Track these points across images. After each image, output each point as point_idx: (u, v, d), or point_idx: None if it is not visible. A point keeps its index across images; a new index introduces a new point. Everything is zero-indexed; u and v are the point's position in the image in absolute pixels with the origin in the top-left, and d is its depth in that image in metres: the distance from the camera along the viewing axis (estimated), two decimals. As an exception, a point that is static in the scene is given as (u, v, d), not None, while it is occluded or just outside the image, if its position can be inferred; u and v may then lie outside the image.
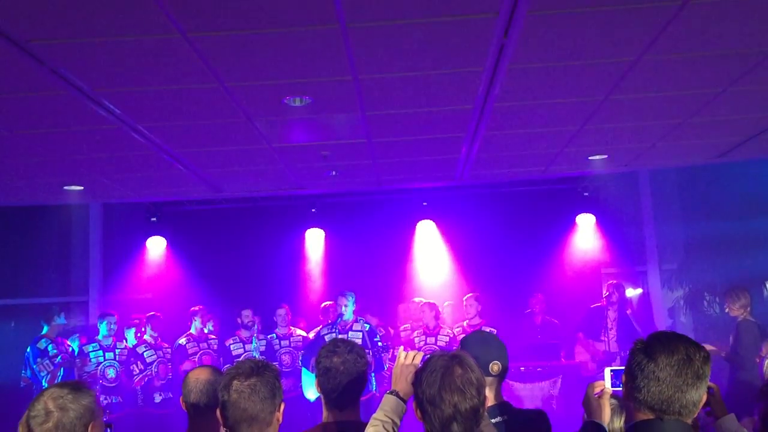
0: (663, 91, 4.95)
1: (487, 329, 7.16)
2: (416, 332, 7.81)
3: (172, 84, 4.28)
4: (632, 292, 9.69)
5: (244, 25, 3.45)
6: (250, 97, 4.58)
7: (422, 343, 7.68)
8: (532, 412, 2.93)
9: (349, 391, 2.86)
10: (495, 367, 2.83)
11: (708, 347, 6.55)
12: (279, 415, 2.49)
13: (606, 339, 7.99)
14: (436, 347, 7.53)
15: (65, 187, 7.09)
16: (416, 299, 8.45)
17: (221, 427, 2.58)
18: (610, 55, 4.16)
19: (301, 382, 7.65)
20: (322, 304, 8.39)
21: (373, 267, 9.19)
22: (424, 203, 9.31)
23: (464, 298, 8.07)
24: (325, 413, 2.89)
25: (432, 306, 7.89)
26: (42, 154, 5.78)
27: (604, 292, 8.29)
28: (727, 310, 6.80)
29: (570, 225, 9.24)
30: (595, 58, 4.20)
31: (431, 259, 9.33)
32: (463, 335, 3.80)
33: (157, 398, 7.92)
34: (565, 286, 9.03)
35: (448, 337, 7.69)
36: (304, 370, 7.54)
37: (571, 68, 4.35)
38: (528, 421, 2.86)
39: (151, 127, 5.19)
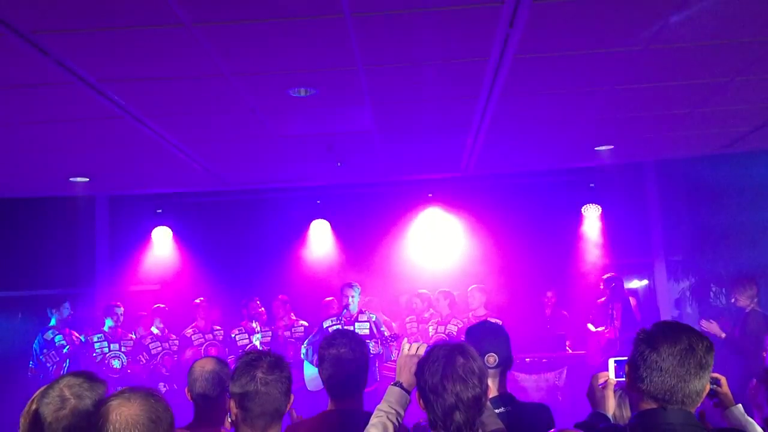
0: (670, 81, 4.92)
1: (493, 321, 7.12)
2: (409, 318, 7.88)
3: (176, 75, 4.28)
4: (638, 284, 9.66)
5: (249, 15, 3.44)
6: (255, 87, 4.58)
7: (432, 332, 7.70)
8: (536, 406, 2.94)
9: (350, 381, 2.94)
10: (491, 359, 2.81)
11: (707, 324, 6.45)
12: (289, 407, 2.53)
13: (611, 329, 7.99)
14: (444, 336, 7.55)
15: (71, 179, 7.11)
16: (421, 291, 8.44)
17: (227, 416, 2.59)
18: (617, 45, 4.14)
19: (303, 373, 7.64)
20: (326, 299, 8.37)
21: (377, 258, 9.19)
22: (429, 194, 9.29)
23: (468, 289, 8.05)
24: (329, 402, 2.96)
25: (446, 294, 7.90)
26: (48, 145, 5.79)
27: (611, 284, 8.26)
28: (734, 300, 6.76)
29: (576, 216, 9.20)
30: (601, 48, 4.18)
31: (436, 251, 9.31)
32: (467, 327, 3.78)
33: (162, 389, 7.94)
34: (572, 277, 9.01)
35: (456, 327, 7.67)
36: (306, 362, 7.53)
37: (577, 58, 4.33)
38: (531, 414, 2.86)
39: (155, 119, 5.20)
